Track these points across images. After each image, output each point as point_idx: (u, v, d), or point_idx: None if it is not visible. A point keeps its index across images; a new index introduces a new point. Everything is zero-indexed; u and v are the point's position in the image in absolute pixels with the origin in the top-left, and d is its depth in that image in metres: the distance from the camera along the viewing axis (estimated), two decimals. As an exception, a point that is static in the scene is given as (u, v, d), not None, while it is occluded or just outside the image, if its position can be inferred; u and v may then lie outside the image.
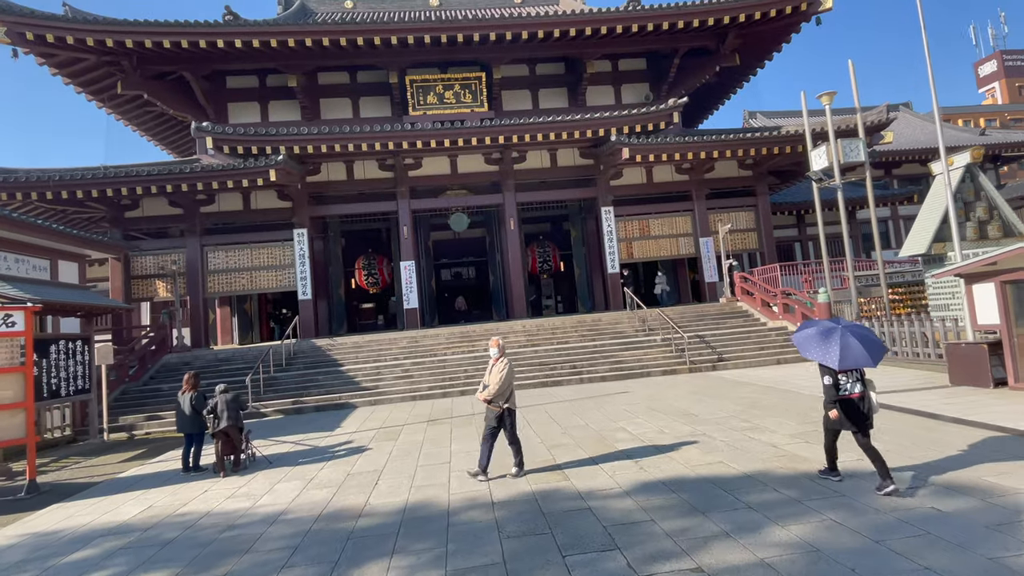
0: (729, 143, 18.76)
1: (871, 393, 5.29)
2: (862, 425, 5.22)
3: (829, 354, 5.06)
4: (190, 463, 8.20)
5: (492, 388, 6.38)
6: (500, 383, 6.37)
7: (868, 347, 5.09)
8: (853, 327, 5.31)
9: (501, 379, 6.38)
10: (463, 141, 18.13)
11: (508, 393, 6.47)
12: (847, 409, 5.23)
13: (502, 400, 6.43)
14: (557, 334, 17.09)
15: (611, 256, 20.45)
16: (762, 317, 17.57)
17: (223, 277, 19.68)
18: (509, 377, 6.48)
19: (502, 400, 6.43)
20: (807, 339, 5.37)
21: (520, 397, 12.34)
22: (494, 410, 6.44)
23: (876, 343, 5.23)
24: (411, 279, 20.05)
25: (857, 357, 5.01)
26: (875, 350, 5.13)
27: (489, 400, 6.44)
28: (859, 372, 5.27)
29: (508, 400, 6.48)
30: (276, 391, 14.24)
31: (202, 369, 16.17)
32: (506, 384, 6.42)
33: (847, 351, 5.02)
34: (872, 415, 5.27)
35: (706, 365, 14.49)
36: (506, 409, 6.45)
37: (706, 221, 21.22)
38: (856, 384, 5.25)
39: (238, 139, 17.25)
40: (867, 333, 5.30)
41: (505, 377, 6.41)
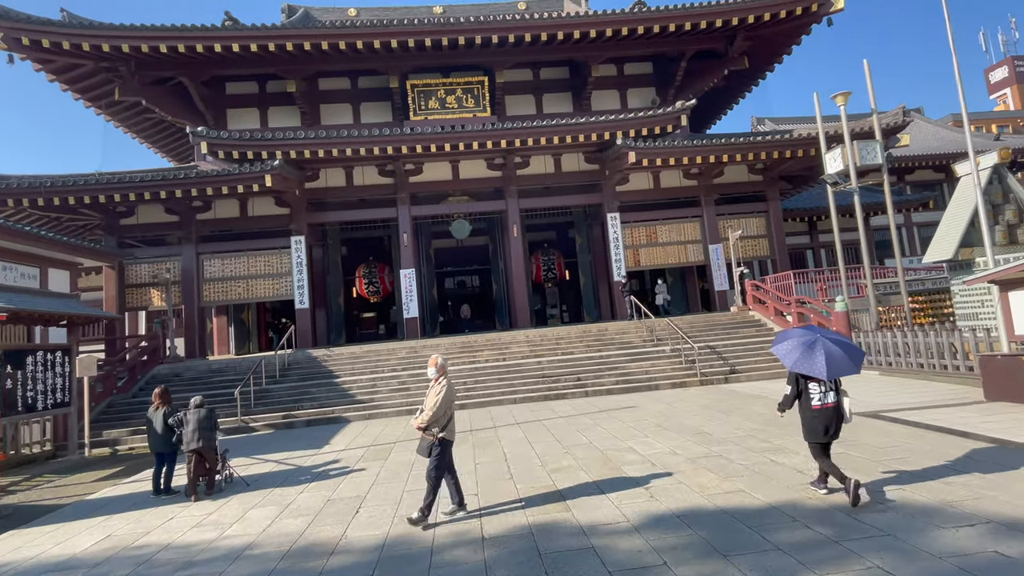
0: (739, 146, 18.14)
1: (845, 402, 5.31)
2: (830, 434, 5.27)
3: (815, 365, 5.04)
4: (161, 485, 7.59)
5: (427, 414, 5.53)
6: (436, 407, 5.52)
7: (849, 354, 5.12)
8: (830, 335, 5.32)
9: (437, 403, 5.53)
10: (464, 145, 17.62)
11: (446, 420, 5.64)
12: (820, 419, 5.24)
13: (437, 427, 5.56)
14: (561, 344, 16.42)
15: (617, 264, 19.80)
16: (775, 327, 16.82)
17: (219, 286, 19.20)
18: (447, 400, 5.65)
19: (437, 427, 5.56)
20: (790, 351, 5.31)
21: (521, 411, 11.80)
22: (427, 439, 5.57)
23: (856, 349, 5.27)
24: (411, 287, 19.49)
25: (842, 365, 5.03)
26: (856, 356, 5.18)
27: (423, 427, 5.56)
28: (833, 381, 5.27)
29: (445, 428, 5.61)
30: (268, 404, 13.65)
31: (193, 380, 15.66)
32: (443, 409, 5.58)
33: (832, 360, 5.01)
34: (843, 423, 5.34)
35: (718, 378, 13.76)
36: (440, 439, 5.55)
37: (715, 227, 20.55)
38: (830, 394, 5.25)
39: (233, 144, 16.82)
40: (844, 340, 5.32)
41: (442, 400, 5.57)
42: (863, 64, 15.42)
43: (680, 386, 13.46)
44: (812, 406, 5.27)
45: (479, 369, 14.76)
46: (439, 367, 5.80)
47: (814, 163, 19.75)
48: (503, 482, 6.65)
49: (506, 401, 13.01)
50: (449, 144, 17.40)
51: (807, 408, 5.32)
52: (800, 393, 5.36)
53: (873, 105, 15.75)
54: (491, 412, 12.01)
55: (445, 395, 5.60)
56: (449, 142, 17.38)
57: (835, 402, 5.23)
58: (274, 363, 15.48)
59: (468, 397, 13.30)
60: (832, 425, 5.22)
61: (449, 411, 5.68)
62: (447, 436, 5.63)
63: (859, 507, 4.90)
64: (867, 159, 15.30)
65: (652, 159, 17.78)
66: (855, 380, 12.35)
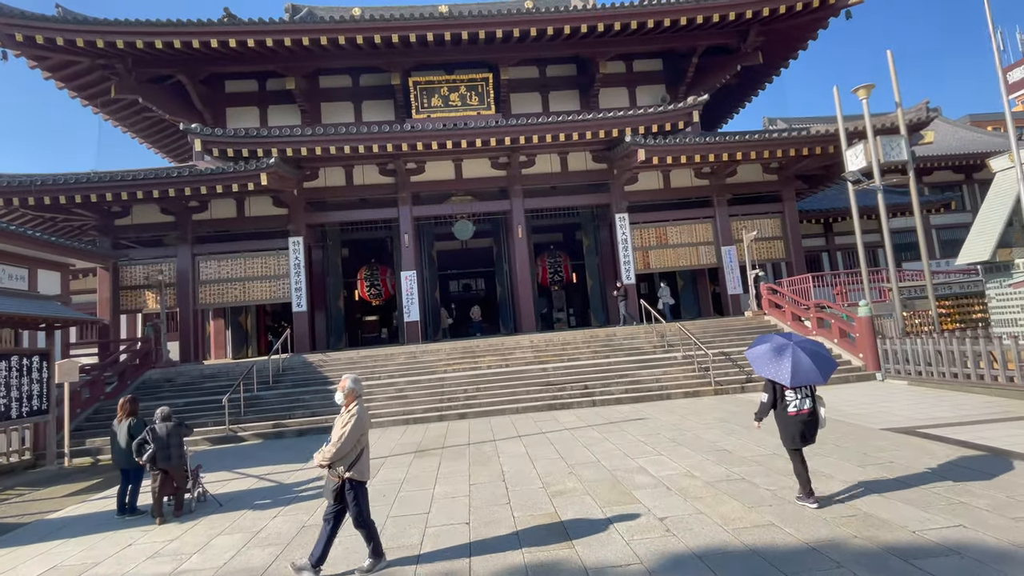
0: (755, 143, 17.34)
1: (820, 409, 5.36)
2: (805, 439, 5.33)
3: (781, 371, 5.09)
4: (126, 504, 6.93)
5: (329, 448, 4.53)
6: (342, 441, 4.48)
7: (819, 363, 5.14)
8: (804, 343, 5.33)
9: (344, 436, 4.48)
10: (467, 142, 16.96)
11: (355, 456, 4.56)
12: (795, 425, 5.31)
13: (343, 465, 4.52)
14: (567, 350, 15.67)
15: (626, 266, 19.05)
16: (794, 333, 15.98)
17: (215, 288, 18.65)
18: (357, 431, 4.54)
19: (343, 465, 4.52)
20: (760, 356, 5.36)
21: (524, 422, 11.06)
22: (332, 479, 4.58)
23: (827, 359, 5.27)
24: (412, 290, 18.83)
25: (808, 373, 5.05)
26: (825, 366, 5.17)
27: (327, 464, 4.55)
28: (809, 388, 5.32)
29: (354, 466, 4.55)
30: (258, 412, 13.01)
31: (185, 386, 15.08)
32: (350, 442, 4.51)
33: (798, 368, 5.05)
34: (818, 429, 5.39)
35: (733, 386, 12.96)
36: (348, 479, 4.53)
37: (728, 229, 19.74)
38: (806, 400, 5.30)
39: (228, 141, 16.27)
40: (818, 349, 5.32)
41: (350, 432, 4.49)
42: (884, 56, 14.63)
43: (693, 395, 12.67)
44: (788, 412, 5.34)
45: (481, 376, 14.05)
46: (348, 391, 4.72)
47: (833, 161, 18.94)
48: (499, 508, 5.93)
49: (508, 411, 12.28)
50: (451, 141, 16.75)
51: (783, 414, 5.39)
52: (777, 400, 5.42)
53: (897, 98, 14.93)
54: (492, 423, 11.29)
55: (354, 426, 4.53)
56: (451, 139, 16.73)
57: (811, 408, 5.31)
58: (267, 368, 14.87)
59: (468, 406, 12.58)
60: (808, 431, 5.31)
61: (359, 445, 4.61)
62: (356, 476, 4.56)
63: (917, 555, 4.13)
64: (891, 155, 14.48)
65: (662, 157, 17.02)
66: (883, 391, 11.52)
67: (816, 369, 5.09)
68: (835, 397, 11.27)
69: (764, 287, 17.62)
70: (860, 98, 14.74)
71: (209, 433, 12.23)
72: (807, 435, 5.31)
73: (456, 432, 10.55)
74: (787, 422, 5.36)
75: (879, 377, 13.13)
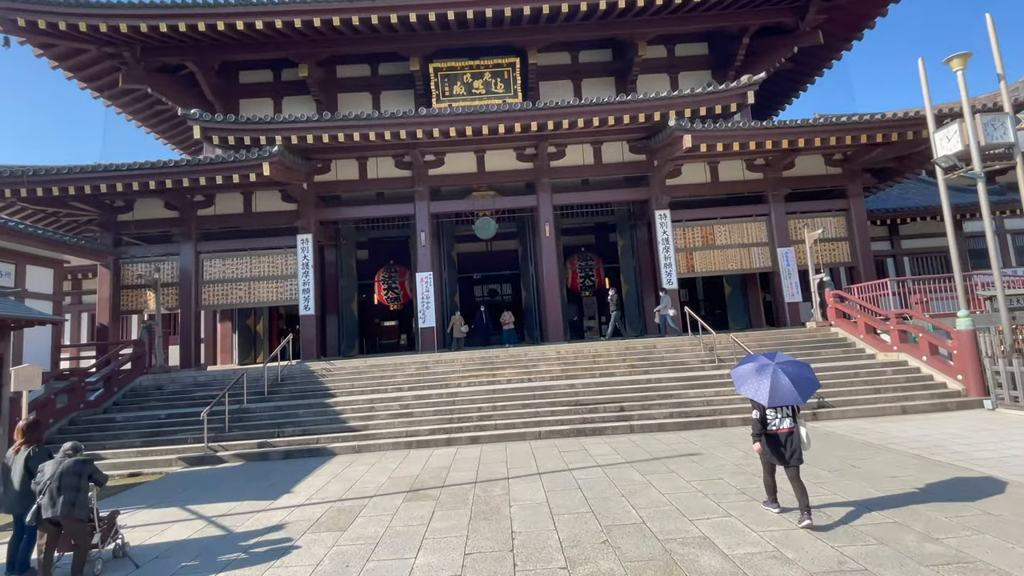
0: (823, 128, 14.99)
1: (801, 429, 5.39)
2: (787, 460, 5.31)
3: (760, 390, 5.13)
4: (15, 560, 5.30)
5: None
6: None
7: (798, 384, 5.14)
8: (787, 364, 5.32)
9: None
10: (489, 129, 15.20)
11: None
12: (773, 444, 5.37)
13: None
14: (599, 363, 13.65)
15: (667, 269, 16.90)
16: (868, 347, 13.56)
17: (219, 288, 17.37)
18: None
19: None
20: (742, 375, 5.40)
21: (546, 453, 8.83)
22: None
23: (808, 380, 5.25)
24: (428, 293, 17.13)
25: (786, 394, 5.08)
26: (805, 387, 5.18)
27: None
28: (790, 408, 5.36)
29: None
30: (244, 428, 11.42)
31: (174, 395, 13.69)
32: None
33: (776, 388, 5.09)
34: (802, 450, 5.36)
35: (803, 413, 10.69)
36: None
37: (785, 228, 17.39)
38: (785, 420, 5.34)
39: (228, 128, 14.94)
40: (801, 370, 5.30)
41: None
42: (987, 19, 12.20)
43: (753, 422, 10.46)
44: (767, 431, 5.38)
45: (498, 392, 12.14)
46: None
47: (912, 149, 16.43)
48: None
49: (529, 436, 10.34)
50: (471, 127, 15.01)
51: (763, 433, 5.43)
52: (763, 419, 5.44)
53: (1000, 69, 12.42)
54: (508, 451, 9.37)
55: None
56: (472, 124, 14.99)
57: (791, 428, 5.34)
58: (266, 377, 13.33)
59: (482, 428, 10.70)
60: (787, 450, 5.32)
61: None
62: None
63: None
64: (995, 136, 12.02)
65: (712, 144, 14.87)
66: (1000, 425, 9.10)
67: (794, 390, 5.08)
68: (937, 429, 8.95)
69: (830, 294, 15.21)
70: (954, 69, 12.32)
71: (186, 451, 10.69)
72: (786, 454, 5.32)
73: (463, 463, 8.67)
74: (766, 440, 5.42)
75: (988, 405, 10.66)
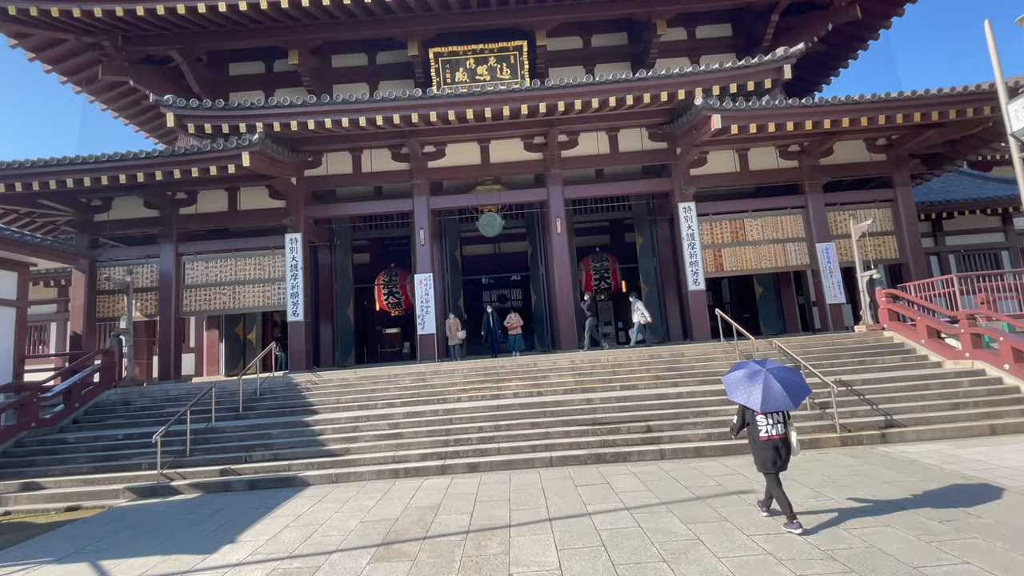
0: (872, 106, 13.17)
1: (792, 434, 5.42)
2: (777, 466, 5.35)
3: (752, 396, 5.20)
4: None
5: None
6: None
7: (790, 390, 5.20)
8: (778, 370, 5.37)
9: None
10: (492, 112, 13.63)
11: None
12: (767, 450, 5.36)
13: None
14: (619, 374, 11.92)
15: (693, 268, 15.16)
16: (931, 354, 11.69)
17: (201, 292, 15.96)
18: None
19: None
20: (734, 381, 5.44)
21: (559, 487, 6.86)
22: None
23: (799, 386, 5.32)
24: (428, 297, 15.55)
25: (778, 400, 5.14)
26: (797, 393, 5.24)
27: None
28: (782, 414, 5.40)
29: None
30: (208, 452, 9.86)
31: (142, 412, 12.19)
32: None
33: (769, 394, 5.14)
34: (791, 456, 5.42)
35: (869, 434, 8.88)
36: None
37: (824, 221, 15.58)
38: (778, 426, 5.37)
39: (205, 115, 13.53)
40: (792, 376, 5.36)
41: None
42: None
43: (811, 446, 8.66)
44: (760, 437, 5.40)
45: (503, 408, 10.46)
46: None
47: (968, 131, 14.58)
48: None
49: (538, 462, 8.64)
50: (473, 110, 13.45)
51: (755, 439, 5.47)
52: (748, 423, 5.54)
53: (1089, 28, 10.60)
54: (512, 484, 7.68)
55: None
56: (473, 107, 13.43)
57: (783, 434, 5.37)
58: (241, 390, 11.80)
59: (482, 453, 9.02)
60: (780, 456, 5.34)
61: None
62: None
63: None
64: (1086, 105, 10.18)
65: (744, 125, 13.14)
66: None
67: (786, 395, 5.15)
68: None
69: (881, 293, 13.35)
70: (1033, 28, 10.53)
71: (137, 479, 9.15)
72: (778, 461, 5.34)
73: (456, 500, 7.00)
74: (760, 446, 5.42)
75: (1099, 425, 8.77)
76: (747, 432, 5.60)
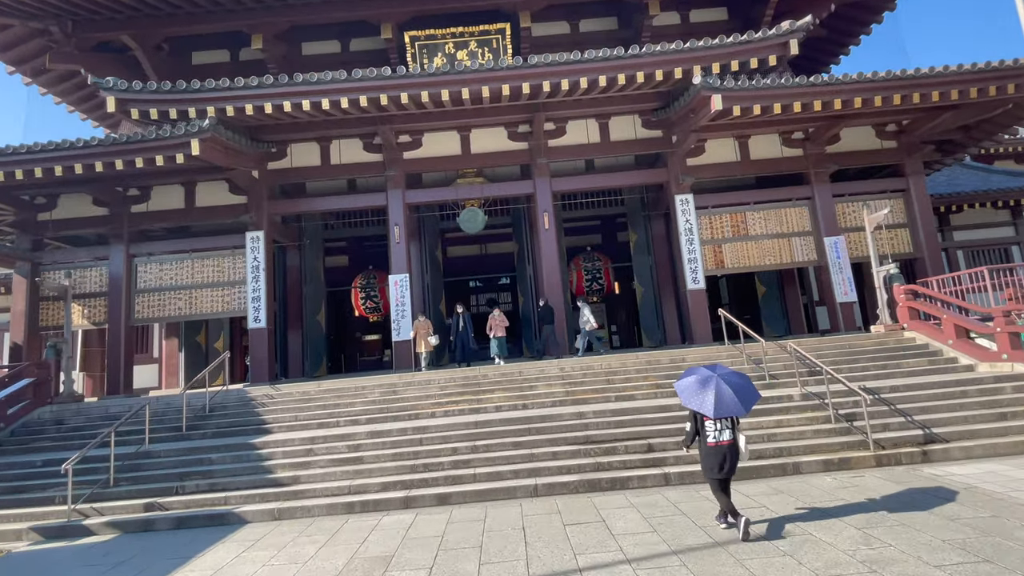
0: (888, 84, 11.97)
1: (741, 439, 5.38)
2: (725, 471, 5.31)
3: (705, 403, 5.18)
4: None
5: None
6: None
7: (741, 395, 5.22)
8: (728, 375, 5.37)
9: None
10: (471, 94, 12.35)
11: None
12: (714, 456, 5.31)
13: None
14: (615, 383, 10.61)
15: (691, 266, 13.91)
16: (961, 356, 10.47)
17: (155, 298, 14.54)
18: None
19: None
20: (687, 387, 5.41)
21: (545, 526, 5.53)
22: None
23: (750, 391, 5.36)
24: (403, 299, 14.20)
25: (730, 406, 5.14)
26: (748, 398, 5.27)
27: None
28: (730, 419, 5.37)
29: None
30: (136, 481, 8.42)
31: (74, 432, 10.73)
32: None
33: (721, 400, 5.13)
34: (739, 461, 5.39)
35: (908, 451, 7.60)
36: None
37: (832, 213, 14.41)
38: (725, 431, 5.34)
39: (150, 98, 12.14)
40: (742, 381, 5.39)
41: None
42: None
43: (840, 467, 7.38)
44: (708, 443, 5.38)
45: (483, 425, 9.10)
46: None
47: (985, 114, 13.48)
48: None
49: (520, 491, 7.28)
50: (449, 91, 12.15)
51: (703, 445, 5.44)
52: (698, 430, 5.48)
53: None
54: (488, 521, 6.33)
55: None
56: (450, 87, 12.13)
57: (731, 439, 5.34)
58: (185, 407, 10.36)
59: (456, 480, 7.65)
60: (727, 462, 5.30)
61: None
62: None
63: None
64: None
65: (747, 106, 11.92)
66: None
67: (738, 401, 5.13)
68: None
69: (900, 290, 12.15)
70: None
71: (46, 517, 7.71)
72: (725, 466, 5.28)
73: (416, 548, 5.64)
74: (707, 452, 5.37)
75: None
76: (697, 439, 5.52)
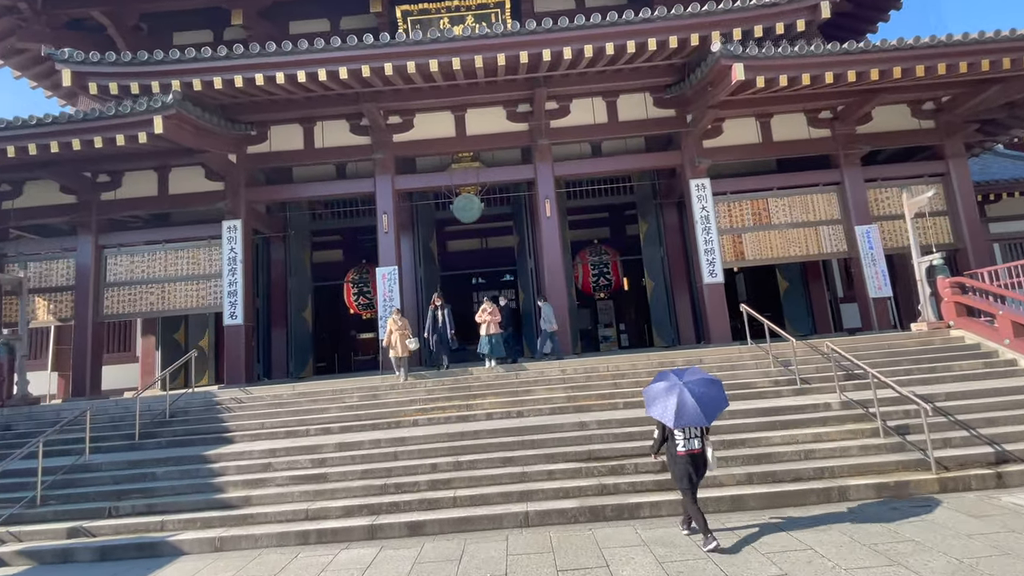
0: (933, 50, 10.57)
1: (708, 449, 5.26)
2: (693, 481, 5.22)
3: (667, 412, 5.08)
4: None
5: None
6: None
7: (705, 404, 5.05)
8: (694, 383, 5.19)
9: None
10: (463, 65, 11.14)
11: None
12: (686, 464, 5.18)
13: None
14: (622, 387, 9.34)
15: (708, 257, 12.60)
16: (1021, 358, 9.11)
17: (126, 292, 13.48)
18: None
19: None
20: (653, 395, 5.29)
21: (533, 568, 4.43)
22: None
23: (716, 399, 5.17)
24: (392, 294, 13.01)
25: (691, 415, 5.01)
26: (711, 407, 5.09)
27: None
28: (700, 428, 5.23)
29: None
30: (68, 499, 7.28)
31: (21, 438, 9.62)
32: None
33: (682, 409, 5.02)
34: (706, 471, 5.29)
35: (978, 475, 6.27)
36: None
37: (864, 200, 13.05)
38: (694, 440, 5.20)
39: (108, 71, 11.02)
40: (707, 390, 5.17)
41: None
42: None
43: (895, 491, 6.07)
44: (677, 452, 5.24)
45: (470, 436, 7.87)
46: None
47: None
48: None
49: (508, 519, 6.05)
50: (438, 60, 10.94)
51: (672, 453, 5.30)
52: (667, 438, 5.33)
53: None
54: (463, 562, 5.11)
55: None
56: (439, 56, 10.92)
57: (700, 448, 5.20)
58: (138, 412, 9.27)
59: (432, 505, 6.43)
60: (696, 471, 5.19)
61: None
62: None
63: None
64: None
65: (772, 76, 10.60)
66: None
67: (700, 411, 4.98)
68: None
69: (945, 283, 10.78)
70: None
71: (-45, 544, 6.58)
72: (693, 475, 5.17)
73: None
74: (676, 461, 5.26)
75: None
76: (666, 447, 5.32)
